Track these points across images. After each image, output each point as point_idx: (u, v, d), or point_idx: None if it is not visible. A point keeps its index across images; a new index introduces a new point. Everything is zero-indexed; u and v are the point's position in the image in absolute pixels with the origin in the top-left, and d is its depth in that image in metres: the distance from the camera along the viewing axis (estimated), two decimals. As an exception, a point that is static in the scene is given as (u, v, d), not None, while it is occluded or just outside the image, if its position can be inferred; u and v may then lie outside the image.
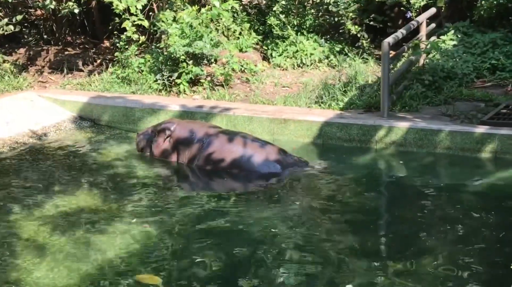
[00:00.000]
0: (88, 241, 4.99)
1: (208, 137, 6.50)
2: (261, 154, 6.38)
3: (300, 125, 7.38)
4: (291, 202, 5.75)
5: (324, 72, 9.31)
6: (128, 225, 5.26)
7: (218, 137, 6.49)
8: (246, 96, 8.51)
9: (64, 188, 6.11)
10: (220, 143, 6.44)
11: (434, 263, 4.60)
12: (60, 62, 9.76)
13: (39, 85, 9.20)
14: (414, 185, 6.25)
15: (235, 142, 6.43)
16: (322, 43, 9.75)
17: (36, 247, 4.92)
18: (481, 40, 9.11)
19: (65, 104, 8.36)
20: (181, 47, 8.52)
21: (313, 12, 10.18)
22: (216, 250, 4.81)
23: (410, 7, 9.86)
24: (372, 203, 5.78)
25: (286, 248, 4.86)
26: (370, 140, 7.09)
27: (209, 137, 6.50)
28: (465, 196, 5.92)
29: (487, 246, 4.89)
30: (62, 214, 5.50)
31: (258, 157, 6.35)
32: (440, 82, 8.13)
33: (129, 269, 4.57)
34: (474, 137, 6.71)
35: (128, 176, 6.45)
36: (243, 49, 9.63)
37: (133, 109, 8.07)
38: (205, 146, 6.45)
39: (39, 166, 6.82)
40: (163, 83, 8.70)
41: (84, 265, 4.62)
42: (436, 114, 7.41)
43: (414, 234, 5.11)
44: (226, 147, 6.41)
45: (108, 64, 9.60)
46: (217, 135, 6.51)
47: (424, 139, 6.89)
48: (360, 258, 4.69)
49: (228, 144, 6.43)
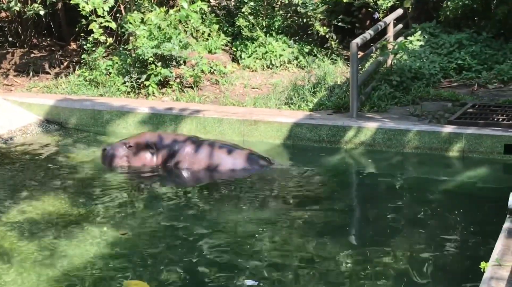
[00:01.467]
0: (56, 246, 4.91)
1: (189, 145, 6.59)
2: (233, 157, 6.48)
3: (270, 127, 7.38)
4: (262, 203, 5.75)
5: (294, 73, 9.33)
6: (97, 229, 5.19)
7: (200, 145, 6.59)
8: (215, 98, 8.48)
9: (31, 193, 6.00)
10: (204, 150, 6.53)
11: (402, 262, 4.64)
12: (26, 65, 9.60)
13: (5, 88, 9.04)
14: (383, 184, 6.31)
15: (213, 149, 6.54)
16: (291, 44, 9.78)
17: (3, 253, 4.82)
18: (447, 40, 9.24)
19: (32, 107, 8.22)
20: (149, 49, 8.45)
21: (281, 13, 10.21)
22: (191, 254, 4.78)
23: (377, 8, 9.95)
24: (341, 202, 5.80)
25: (257, 250, 4.84)
26: (339, 141, 7.13)
27: (191, 144, 6.60)
28: (433, 194, 5.99)
29: (455, 244, 4.95)
30: (29, 219, 5.40)
31: (233, 160, 6.49)
32: (407, 83, 8.22)
33: (98, 275, 4.51)
34: (442, 136, 6.80)
35: (96, 180, 6.38)
36: (212, 51, 9.60)
37: (101, 112, 7.97)
38: (187, 154, 6.52)
39: (5, 170, 6.68)
40: (132, 85, 8.62)
41: (52, 271, 4.54)
42: (404, 114, 7.49)
43: (382, 232, 5.16)
44: (202, 153, 6.51)
45: (75, 66, 9.47)
46: (198, 143, 6.61)
47: (392, 139, 6.95)
48: (328, 257, 4.70)
49: (206, 151, 6.52)
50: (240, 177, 6.38)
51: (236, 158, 6.49)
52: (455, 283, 4.36)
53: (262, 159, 6.57)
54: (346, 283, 4.36)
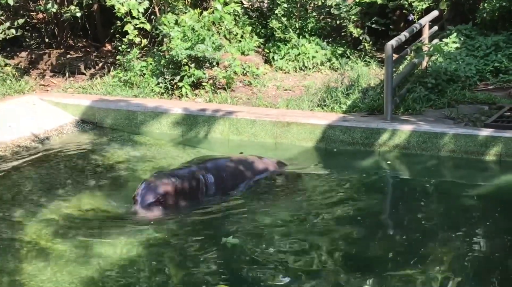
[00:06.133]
0: (91, 245, 4.95)
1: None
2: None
3: (303, 129, 7.36)
4: (295, 205, 5.73)
5: (326, 75, 9.29)
6: (133, 229, 5.22)
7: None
8: (248, 100, 8.49)
9: (66, 191, 6.08)
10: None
11: (437, 267, 4.57)
12: (62, 66, 9.74)
13: (41, 88, 9.19)
14: (417, 188, 6.23)
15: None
16: (324, 46, 9.73)
17: (39, 251, 4.89)
18: (483, 43, 9.10)
19: (67, 107, 8.34)
20: (183, 50, 8.51)
21: (315, 15, 10.17)
22: (221, 258, 4.79)
23: (412, 10, 9.86)
24: (375, 207, 5.76)
25: (287, 253, 4.83)
26: (373, 144, 7.07)
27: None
28: (469, 199, 5.90)
29: (492, 250, 4.85)
30: (65, 218, 5.46)
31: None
32: (443, 85, 8.12)
33: (133, 276, 4.54)
34: (478, 140, 6.70)
35: (131, 179, 6.43)
36: (245, 52, 9.61)
37: (135, 113, 8.05)
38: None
39: (41, 169, 6.79)
40: (165, 86, 8.69)
41: (87, 270, 4.57)
42: (439, 117, 7.40)
43: (417, 238, 5.09)
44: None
45: (110, 67, 9.58)
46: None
47: (427, 142, 6.87)
48: (362, 262, 4.66)
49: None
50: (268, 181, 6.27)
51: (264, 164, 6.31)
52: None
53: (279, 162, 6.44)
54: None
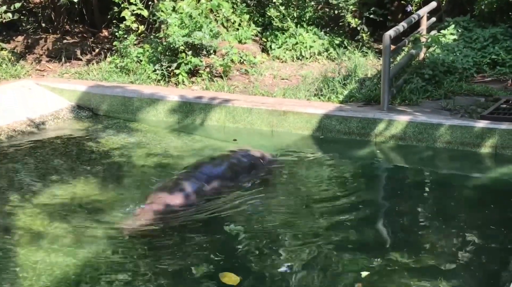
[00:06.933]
0: (85, 230, 4.95)
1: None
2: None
3: (300, 118, 7.35)
4: (288, 194, 5.74)
5: (324, 65, 9.27)
6: (126, 215, 5.22)
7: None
8: (245, 88, 8.47)
9: (61, 177, 6.07)
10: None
11: (431, 257, 4.57)
12: (58, 51, 9.70)
13: (37, 73, 9.14)
14: (413, 179, 6.23)
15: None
16: (322, 36, 9.71)
17: (34, 234, 4.89)
18: (481, 35, 9.09)
19: (63, 93, 8.30)
20: (180, 38, 8.47)
21: (313, 4, 10.13)
22: (211, 243, 4.80)
23: (410, 0, 9.84)
24: (369, 196, 5.76)
25: (284, 241, 4.84)
26: (369, 134, 7.07)
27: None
28: (464, 190, 5.91)
29: (486, 241, 4.86)
30: (59, 202, 5.46)
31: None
32: (440, 77, 8.11)
33: (125, 260, 4.54)
34: (474, 131, 6.70)
35: (126, 165, 6.42)
36: (242, 41, 9.58)
37: (131, 99, 8.02)
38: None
39: (37, 154, 6.77)
40: (162, 73, 8.66)
41: (80, 254, 4.58)
42: (436, 108, 7.39)
43: (411, 228, 5.10)
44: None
45: (106, 53, 9.54)
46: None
47: (423, 133, 6.87)
48: (356, 250, 4.67)
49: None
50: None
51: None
52: (485, 280, 4.30)
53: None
54: (375, 277, 4.32)
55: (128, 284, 4.25)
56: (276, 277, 4.30)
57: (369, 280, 4.23)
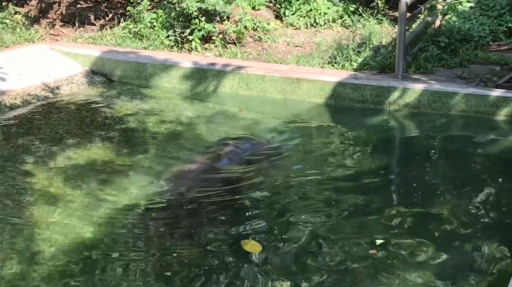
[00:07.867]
0: (100, 193, 5.03)
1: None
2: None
3: (313, 85, 7.32)
4: (303, 163, 5.76)
5: (338, 32, 9.18)
6: (140, 178, 5.28)
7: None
8: (258, 55, 8.43)
9: (76, 141, 6.11)
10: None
11: (445, 226, 4.59)
12: (72, 16, 9.67)
13: (51, 38, 9.14)
14: (426, 147, 6.22)
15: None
16: (336, 3, 9.60)
17: (50, 196, 4.97)
18: (498, 2, 8.95)
19: (77, 58, 8.31)
20: (193, 3, 8.41)
21: (328, -30, 9.99)
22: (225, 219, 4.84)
23: (427, -33, 9.66)
24: (383, 164, 5.76)
25: (301, 209, 4.88)
26: (383, 102, 7.04)
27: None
28: (477, 158, 5.90)
29: (499, 209, 4.88)
30: (74, 166, 5.53)
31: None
32: (456, 45, 8.02)
33: (138, 220, 4.61)
34: (489, 100, 6.65)
35: (139, 132, 6.45)
36: (256, 7, 9.49)
37: (145, 65, 8.02)
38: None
39: (52, 119, 6.82)
40: (175, 39, 8.62)
41: (95, 216, 4.67)
42: (451, 76, 7.34)
43: (426, 196, 5.11)
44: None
45: (120, 18, 9.50)
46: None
47: (438, 101, 6.83)
48: (370, 218, 4.70)
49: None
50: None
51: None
52: (502, 245, 4.31)
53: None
54: (382, 244, 4.36)
55: (142, 248, 4.31)
56: (295, 244, 4.34)
57: (383, 248, 4.26)
